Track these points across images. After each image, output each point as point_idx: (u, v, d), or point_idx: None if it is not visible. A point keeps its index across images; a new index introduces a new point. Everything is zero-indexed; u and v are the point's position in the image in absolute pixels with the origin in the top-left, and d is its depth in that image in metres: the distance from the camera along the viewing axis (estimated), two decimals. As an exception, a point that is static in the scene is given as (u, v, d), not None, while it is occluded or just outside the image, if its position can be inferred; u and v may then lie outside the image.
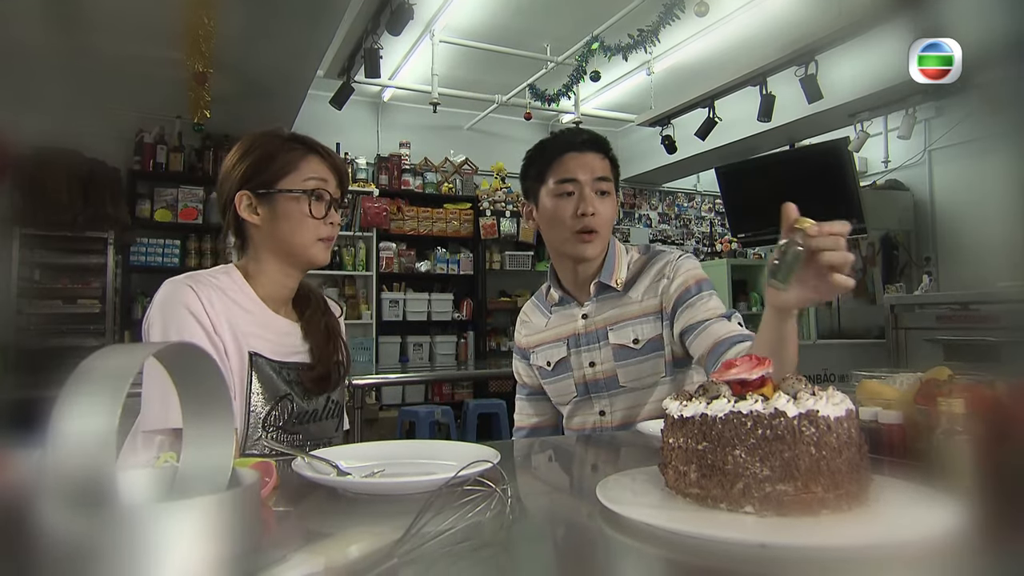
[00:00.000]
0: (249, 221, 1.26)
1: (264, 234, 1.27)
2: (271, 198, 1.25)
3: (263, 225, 1.26)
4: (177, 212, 5.10)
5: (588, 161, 1.48)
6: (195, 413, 0.68)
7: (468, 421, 4.71)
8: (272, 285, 1.29)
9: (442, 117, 5.38)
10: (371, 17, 3.97)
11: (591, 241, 1.46)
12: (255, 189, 1.25)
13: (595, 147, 1.51)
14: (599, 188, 1.47)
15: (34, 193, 4.18)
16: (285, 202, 1.25)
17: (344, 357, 1.37)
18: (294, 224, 1.25)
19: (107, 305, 4.56)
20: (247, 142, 1.30)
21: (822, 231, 1.00)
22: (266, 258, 1.28)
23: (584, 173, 1.47)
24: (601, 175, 1.48)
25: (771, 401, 0.69)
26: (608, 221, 1.49)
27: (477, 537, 0.64)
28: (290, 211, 1.25)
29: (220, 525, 0.55)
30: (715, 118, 4.96)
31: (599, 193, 1.47)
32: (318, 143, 1.32)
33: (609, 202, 1.49)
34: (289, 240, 1.26)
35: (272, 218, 1.26)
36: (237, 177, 1.26)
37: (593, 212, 1.45)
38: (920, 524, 0.63)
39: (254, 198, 1.26)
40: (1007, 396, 0.77)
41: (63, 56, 3.58)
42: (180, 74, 3.94)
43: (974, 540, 0.63)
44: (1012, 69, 0.69)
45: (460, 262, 6.06)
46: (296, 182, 1.25)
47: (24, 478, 0.57)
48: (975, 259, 4.46)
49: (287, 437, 1.23)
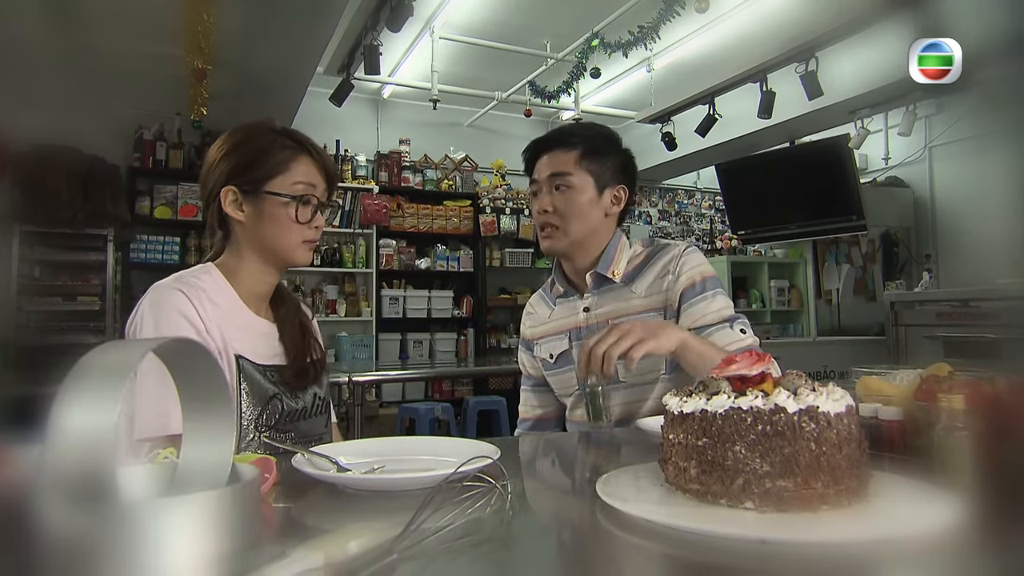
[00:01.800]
0: (233, 218, 1.24)
1: (248, 232, 1.25)
2: (258, 197, 1.23)
3: (247, 223, 1.24)
4: (177, 209, 5.10)
5: (548, 158, 1.50)
6: (195, 409, 0.68)
7: (468, 418, 4.71)
8: (253, 282, 1.28)
9: (442, 114, 5.37)
10: (371, 13, 3.97)
11: (549, 236, 1.51)
12: (242, 186, 1.23)
13: (557, 143, 1.51)
14: (555, 184, 1.48)
15: (34, 190, 4.18)
16: (272, 204, 1.23)
17: (319, 355, 1.36)
18: (279, 227, 1.24)
19: (107, 302, 4.57)
20: (237, 135, 1.26)
21: (585, 361, 1.19)
22: (248, 256, 1.27)
23: (542, 171, 1.50)
24: (556, 171, 1.48)
25: (771, 397, 0.69)
26: (569, 214, 1.48)
27: (477, 533, 0.64)
28: (276, 214, 1.23)
29: (220, 521, 0.55)
30: (715, 115, 4.96)
31: (556, 188, 1.48)
32: (309, 141, 1.29)
33: (569, 195, 1.48)
34: (273, 242, 1.25)
35: (258, 218, 1.24)
36: (225, 171, 1.23)
37: (544, 209, 1.48)
38: (920, 520, 0.63)
39: (240, 195, 1.23)
40: (1007, 392, 0.77)
41: (62, 53, 3.57)
42: (179, 71, 3.94)
43: (974, 536, 0.63)
44: (1012, 66, 0.69)
45: (460, 259, 6.06)
46: (285, 185, 1.23)
47: (24, 474, 0.57)
48: (975, 256, 4.45)
49: (279, 436, 1.23)
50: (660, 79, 5.28)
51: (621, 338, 1.17)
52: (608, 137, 1.57)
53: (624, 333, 1.18)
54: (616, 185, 1.53)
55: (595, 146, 1.51)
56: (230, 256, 1.29)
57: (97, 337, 4.34)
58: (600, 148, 1.52)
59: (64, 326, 4.42)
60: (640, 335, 1.18)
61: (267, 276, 1.30)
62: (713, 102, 4.96)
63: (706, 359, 1.22)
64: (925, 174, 5.34)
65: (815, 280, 5.75)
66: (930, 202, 5.32)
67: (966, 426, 0.75)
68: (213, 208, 1.26)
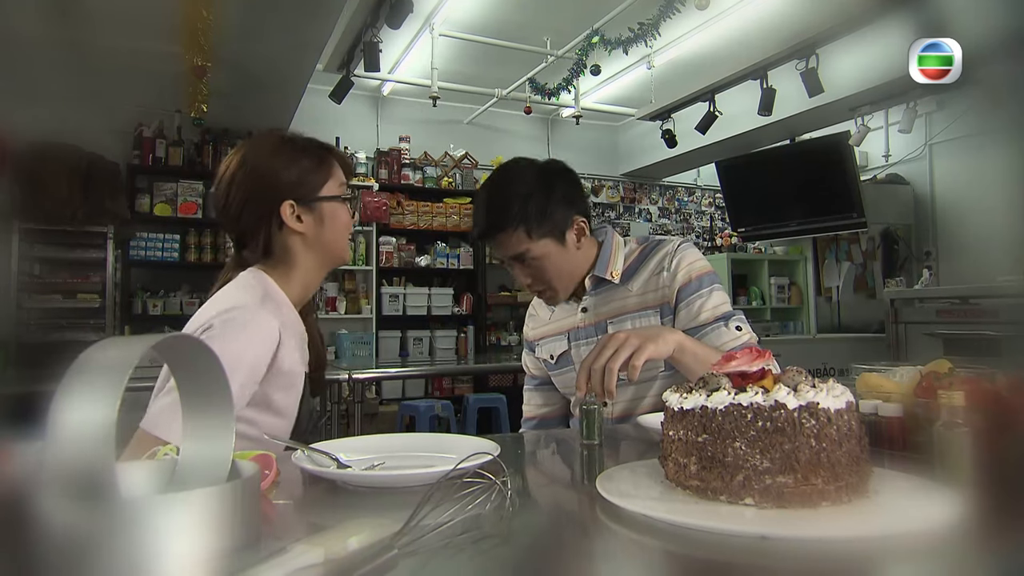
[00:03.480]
0: (294, 229, 1.26)
1: (309, 240, 1.28)
2: (314, 205, 1.27)
3: (308, 231, 1.27)
4: (176, 206, 5.09)
5: (499, 243, 1.46)
6: (195, 406, 0.68)
7: (468, 415, 4.72)
8: (305, 290, 1.32)
9: (442, 111, 5.36)
10: (370, 10, 3.96)
11: (546, 296, 1.53)
12: (301, 198, 1.26)
13: (497, 228, 1.43)
14: (520, 261, 1.45)
15: (33, 188, 4.18)
16: (329, 208, 1.28)
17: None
18: (337, 228, 1.30)
19: (107, 299, 4.57)
20: (285, 151, 1.28)
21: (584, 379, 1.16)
22: (304, 263, 1.29)
23: (501, 253, 1.48)
24: (512, 254, 1.44)
25: (771, 393, 0.69)
26: (549, 277, 1.46)
27: (477, 529, 0.64)
28: (334, 216, 1.29)
29: (220, 517, 0.55)
30: (716, 112, 4.95)
31: (525, 263, 1.45)
32: (327, 143, 1.36)
33: (538, 264, 1.44)
34: (332, 244, 1.30)
35: (318, 224, 1.27)
36: (281, 186, 1.25)
37: (527, 283, 1.49)
38: (920, 516, 0.63)
39: (298, 206, 1.26)
40: (1007, 389, 0.77)
41: (62, 50, 3.57)
42: (179, 68, 3.93)
43: (974, 532, 0.63)
44: (1013, 64, 0.69)
45: (460, 257, 6.06)
46: (334, 188, 1.30)
47: (25, 470, 0.57)
48: (975, 253, 4.45)
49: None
50: (660, 76, 5.27)
51: (619, 349, 1.15)
52: (538, 188, 1.43)
53: (621, 343, 1.15)
54: (572, 220, 1.46)
55: (534, 212, 1.41)
56: (277, 267, 1.29)
57: (97, 334, 4.34)
58: (540, 209, 1.41)
59: (64, 323, 4.42)
60: (637, 342, 1.16)
61: (317, 280, 1.35)
62: (713, 99, 4.96)
63: (702, 360, 1.22)
64: (925, 171, 5.34)
65: (815, 277, 5.75)
66: (930, 199, 5.31)
67: (966, 423, 0.75)
68: (273, 226, 1.26)
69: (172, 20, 3.49)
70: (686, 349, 1.24)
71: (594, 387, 1.14)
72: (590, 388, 1.14)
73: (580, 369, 1.18)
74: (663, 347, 1.21)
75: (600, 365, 1.14)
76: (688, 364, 1.25)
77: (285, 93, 4.54)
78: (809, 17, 4.09)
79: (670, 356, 1.24)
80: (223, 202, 1.26)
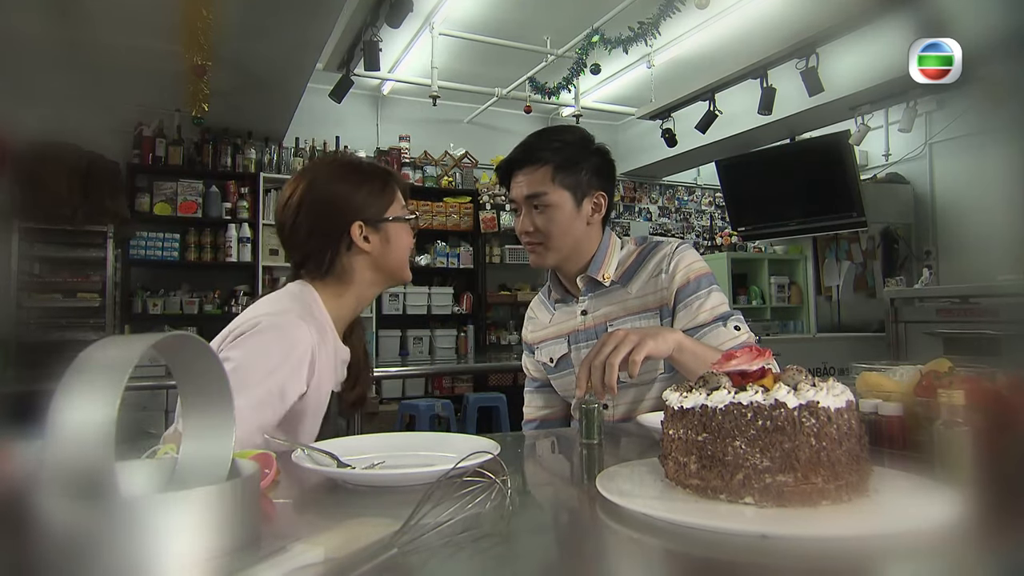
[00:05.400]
0: (362, 249, 1.30)
1: (374, 259, 1.32)
2: (381, 225, 1.32)
3: (374, 251, 1.31)
4: (176, 205, 5.09)
5: (521, 178, 1.49)
6: (195, 405, 0.68)
7: (468, 415, 4.72)
8: (357, 305, 1.36)
9: (442, 110, 5.36)
10: (370, 9, 3.95)
11: (536, 252, 1.52)
12: (369, 219, 1.31)
13: (528, 160, 1.49)
14: (532, 203, 1.48)
15: (33, 187, 4.17)
16: (396, 228, 1.34)
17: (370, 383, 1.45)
18: (402, 247, 1.35)
19: (107, 299, 4.56)
20: (352, 175, 1.33)
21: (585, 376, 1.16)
22: (363, 280, 1.33)
23: (518, 192, 1.50)
24: (531, 191, 1.47)
25: (771, 392, 0.69)
26: (553, 231, 1.48)
27: (477, 528, 0.64)
28: (400, 236, 1.34)
29: (219, 516, 0.55)
30: (716, 111, 4.95)
31: (535, 207, 1.48)
32: (386, 168, 1.42)
33: (548, 213, 1.47)
34: (396, 262, 1.35)
35: (384, 243, 1.32)
36: (351, 209, 1.30)
37: (526, 230, 1.50)
38: (920, 515, 0.63)
39: (366, 227, 1.31)
40: (1007, 388, 0.77)
41: (62, 49, 3.57)
42: (179, 67, 3.93)
43: (973, 531, 0.63)
44: (1013, 64, 0.69)
45: (460, 256, 6.06)
46: (398, 209, 1.35)
47: (24, 470, 0.57)
48: (975, 253, 4.45)
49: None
50: (660, 75, 5.27)
51: (619, 345, 1.15)
52: (579, 143, 1.52)
53: (621, 340, 1.16)
54: (595, 192, 1.51)
55: (567, 158, 1.48)
56: (333, 283, 1.32)
57: (97, 334, 4.33)
58: (573, 158, 1.48)
59: (64, 322, 4.42)
60: (637, 339, 1.17)
61: (371, 297, 1.39)
62: (713, 98, 4.95)
63: (701, 359, 1.22)
64: (925, 170, 5.34)
65: (815, 276, 5.74)
66: (930, 199, 5.31)
67: (966, 422, 0.75)
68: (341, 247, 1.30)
69: (172, 19, 3.49)
70: (685, 348, 1.25)
71: (594, 383, 1.14)
72: (590, 386, 1.14)
73: (580, 366, 1.18)
74: (663, 345, 1.21)
75: (600, 361, 1.14)
76: (687, 363, 1.25)
77: (285, 92, 4.54)
78: (809, 16, 4.08)
79: (669, 355, 1.24)
80: (290, 226, 1.31)
